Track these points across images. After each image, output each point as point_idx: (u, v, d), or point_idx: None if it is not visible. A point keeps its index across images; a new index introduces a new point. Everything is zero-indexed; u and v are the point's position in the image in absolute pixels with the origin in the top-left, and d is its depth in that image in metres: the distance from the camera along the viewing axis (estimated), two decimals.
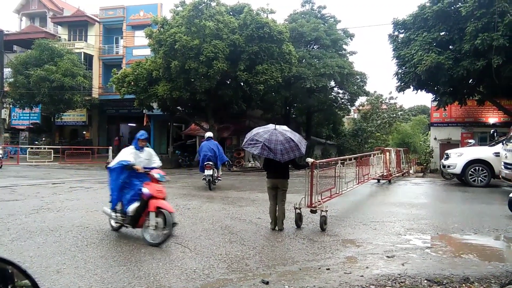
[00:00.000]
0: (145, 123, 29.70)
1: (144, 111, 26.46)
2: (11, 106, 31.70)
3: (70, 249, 5.14)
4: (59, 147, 26.90)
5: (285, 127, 6.70)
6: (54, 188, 11.82)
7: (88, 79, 30.08)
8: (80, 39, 34.16)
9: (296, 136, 6.44)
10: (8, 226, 6.35)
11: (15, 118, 34.05)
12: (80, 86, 28.27)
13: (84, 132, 35.85)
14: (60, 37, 34.29)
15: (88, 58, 33.06)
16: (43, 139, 32.23)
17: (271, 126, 6.55)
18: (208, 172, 11.97)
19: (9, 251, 5.00)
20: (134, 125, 38.26)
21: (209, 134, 13.74)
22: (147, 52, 25.41)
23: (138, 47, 31.52)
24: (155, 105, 23.67)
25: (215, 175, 12.29)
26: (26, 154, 24.67)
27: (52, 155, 24.80)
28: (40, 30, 34.13)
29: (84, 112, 33.52)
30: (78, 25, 34.51)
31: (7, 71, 28.57)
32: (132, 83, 22.16)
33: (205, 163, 12.05)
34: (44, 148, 26.34)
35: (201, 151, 12.64)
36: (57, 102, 27.80)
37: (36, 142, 30.68)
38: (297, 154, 6.21)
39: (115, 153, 27.47)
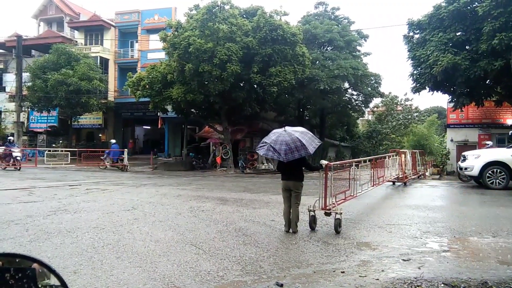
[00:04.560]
0: (159, 126, 29.99)
1: (158, 114, 26.76)
2: (29, 109, 32.34)
3: (87, 250, 5.22)
4: (76, 149, 27.28)
5: (297, 128, 6.70)
6: (71, 190, 12.01)
7: (104, 82, 30.54)
8: (96, 43, 34.71)
9: (306, 136, 6.41)
10: (26, 227, 6.48)
11: (33, 121, 34.73)
12: (96, 89, 28.72)
13: (100, 135, 36.35)
14: (76, 41, 34.91)
15: (104, 62, 33.57)
16: (60, 141, 32.77)
17: (282, 129, 6.62)
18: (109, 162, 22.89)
19: (28, 251, 5.09)
20: (149, 127, 38.69)
21: (113, 141, 24.62)
22: (162, 55, 25.70)
23: (152, 50, 31.88)
24: (169, 108, 23.91)
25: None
26: (43, 156, 25.10)
27: (69, 157, 25.17)
28: (57, 35, 34.75)
29: (100, 115, 34.00)
30: (94, 30, 35.07)
31: (25, 75, 29.18)
32: (147, 87, 22.41)
33: (118, 158, 22.98)
34: (61, 151, 26.76)
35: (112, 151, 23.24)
36: (74, 105, 28.29)
37: (54, 145, 31.21)
38: (303, 153, 6.20)
39: (130, 156, 28.02)
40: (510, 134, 16.45)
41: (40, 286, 1.40)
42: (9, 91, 33.96)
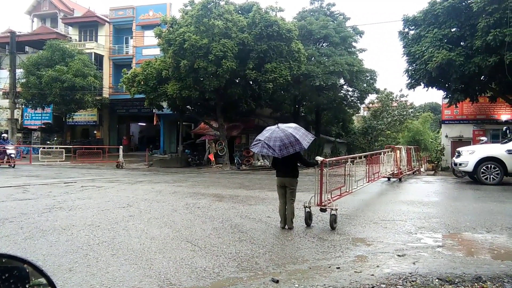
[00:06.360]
0: (155, 123, 29.93)
1: (154, 110, 26.67)
2: (23, 106, 32.15)
3: (82, 248, 5.20)
4: (71, 146, 27.21)
5: (290, 124, 6.72)
6: (66, 187, 11.96)
7: (98, 79, 30.38)
8: (91, 40, 34.50)
9: (300, 132, 6.43)
10: (21, 225, 6.45)
11: (27, 118, 34.53)
12: (90, 86, 28.56)
13: (95, 132, 36.21)
14: (71, 37, 34.69)
15: (99, 58, 33.38)
16: (55, 138, 32.65)
17: (275, 126, 6.64)
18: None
19: (23, 249, 5.08)
20: (144, 124, 38.60)
21: (6, 135, 22.82)
22: (157, 51, 25.56)
23: (147, 46, 31.73)
24: (164, 104, 23.82)
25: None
26: (38, 153, 25.00)
27: (64, 154, 25.08)
28: (51, 31, 34.51)
29: (95, 112, 33.85)
30: (89, 26, 34.84)
31: (19, 71, 28.97)
32: (142, 83, 22.31)
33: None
34: (56, 148, 26.65)
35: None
36: (68, 102, 28.14)
37: (48, 142, 31.08)
38: (297, 148, 6.23)
39: (125, 152, 27.29)
40: (504, 129, 16.55)
41: (27, 286, 1.38)
42: (3, 87, 33.70)
